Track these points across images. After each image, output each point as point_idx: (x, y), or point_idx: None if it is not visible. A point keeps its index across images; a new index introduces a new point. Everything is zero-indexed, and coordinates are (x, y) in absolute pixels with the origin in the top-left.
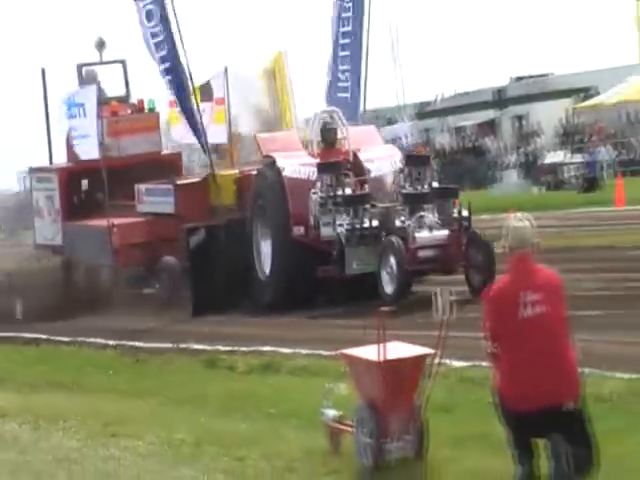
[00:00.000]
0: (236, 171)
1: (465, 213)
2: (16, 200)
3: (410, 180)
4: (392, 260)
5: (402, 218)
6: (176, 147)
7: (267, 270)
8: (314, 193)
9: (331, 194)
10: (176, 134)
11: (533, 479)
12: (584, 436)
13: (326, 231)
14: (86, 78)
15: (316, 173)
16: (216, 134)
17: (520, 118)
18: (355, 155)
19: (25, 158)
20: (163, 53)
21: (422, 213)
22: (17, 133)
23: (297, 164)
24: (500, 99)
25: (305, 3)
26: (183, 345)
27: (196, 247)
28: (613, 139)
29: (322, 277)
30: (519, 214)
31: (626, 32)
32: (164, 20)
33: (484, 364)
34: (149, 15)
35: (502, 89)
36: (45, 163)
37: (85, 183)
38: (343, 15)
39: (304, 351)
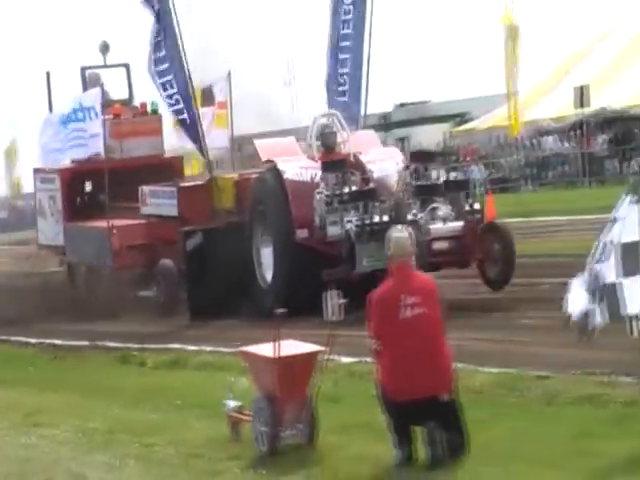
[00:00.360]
0: (235, 175)
1: (477, 206)
2: None
3: (417, 176)
4: None
5: (413, 211)
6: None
7: (269, 277)
8: (319, 193)
9: (337, 192)
10: (176, 138)
11: (411, 462)
12: (457, 424)
13: (333, 230)
14: (89, 81)
15: (318, 175)
16: (217, 138)
17: (403, 140)
18: (356, 158)
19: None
20: (163, 53)
21: (435, 205)
22: (22, 135)
23: (298, 167)
24: (385, 123)
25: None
26: (99, 343)
27: (193, 250)
28: (485, 160)
29: (328, 280)
30: (399, 226)
31: (497, 64)
32: (162, 20)
33: (369, 360)
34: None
35: (387, 114)
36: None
37: (88, 184)
38: (343, 17)
39: (208, 348)
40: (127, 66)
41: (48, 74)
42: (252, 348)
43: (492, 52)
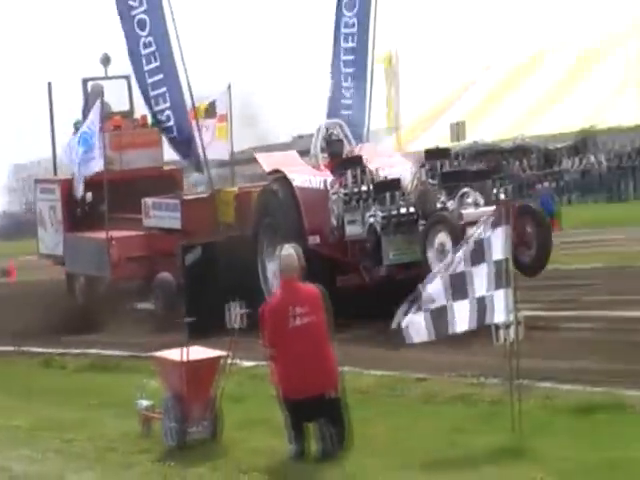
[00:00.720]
0: (235, 188)
1: (502, 196)
2: None
3: (433, 174)
4: (443, 237)
5: (442, 199)
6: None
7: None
8: (334, 193)
9: (356, 190)
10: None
11: (304, 456)
12: (341, 419)
13: (352, 229)
14: (93, 92)
15: (328, 182)
16: (218, 150)
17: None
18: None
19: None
20: (156, 64)
21: (464, 190)
22: (22, 145)
23: (306, 174)
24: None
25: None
26: (24, 348)
27: (192, 265)
28: None
29: (342, 287)
30: (287, 245)
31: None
32: (158, 30)
33: (267, 364)
34: (141, 24)
35: (287, 144)
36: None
37: (88, 195)
38: (346, 31)
39: (123, 353)
40: (128, 78)
41: (50, 85)
42: (162, 353)
43: (380, 90)
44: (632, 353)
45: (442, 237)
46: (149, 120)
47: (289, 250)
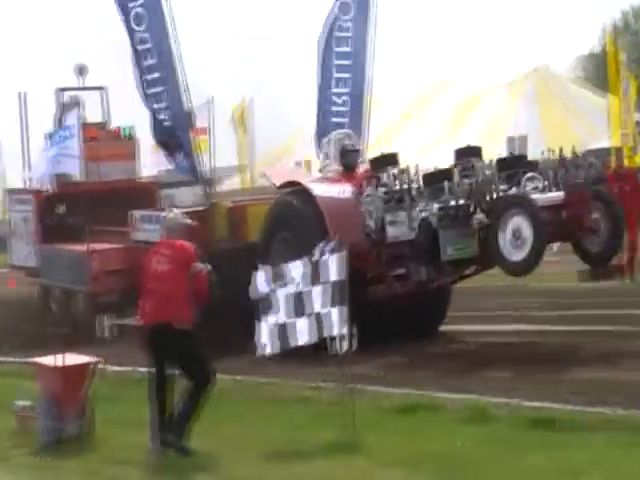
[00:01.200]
0: (229, 202)
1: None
2: None
3: (465, 174)
4: (519, 221)
5: (502, 187)
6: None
7: None
8: (368, 195)
9: (397, 188)
10: (154, 160)
11: (164, 451)
12: (195, 354)
13: (395, 230)
14: (70, 103)
15: (346, 191)
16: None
17: (167, 197)
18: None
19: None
20: (152, 62)
21: (531, 174)
22: None
23: (324, 184)
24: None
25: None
26: None
27: None
28: None
29: (373, 298)
30: (175, 209)
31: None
32: (155, 25)
33: (139, 369)
34: (137, 18)
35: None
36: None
37: (63, 207)
38: (340, 35)
39: (3, 359)
40: (104, 89)
41: (24, 94)
42: (40, 359)
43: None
44: (455, 361)
45: (518, 221)
46: (123, 133)
47: (170, 213)
